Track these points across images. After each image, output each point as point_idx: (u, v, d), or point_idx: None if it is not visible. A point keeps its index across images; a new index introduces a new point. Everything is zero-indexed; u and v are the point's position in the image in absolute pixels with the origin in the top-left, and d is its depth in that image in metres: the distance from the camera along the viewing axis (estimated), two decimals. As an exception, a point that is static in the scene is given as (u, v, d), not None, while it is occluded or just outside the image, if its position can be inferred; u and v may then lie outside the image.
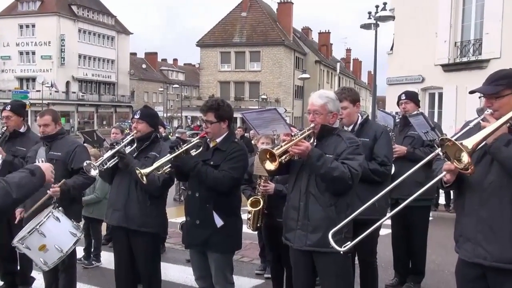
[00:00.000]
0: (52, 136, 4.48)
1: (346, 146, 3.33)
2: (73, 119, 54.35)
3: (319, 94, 3.48)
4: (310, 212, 3.34)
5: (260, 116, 3.50)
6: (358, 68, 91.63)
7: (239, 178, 3.82)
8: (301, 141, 3.26)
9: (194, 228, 3.84)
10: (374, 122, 4.69)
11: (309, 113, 3.45)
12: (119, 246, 4.28)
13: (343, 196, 3.32)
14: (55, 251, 3.79)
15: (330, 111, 3.41)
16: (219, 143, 3.84)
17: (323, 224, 3.29)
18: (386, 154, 4.09)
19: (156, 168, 3.68)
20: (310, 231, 3.33)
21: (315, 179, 3.32)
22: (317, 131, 3.40)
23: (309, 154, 3.22)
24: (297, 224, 3.40)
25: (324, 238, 3.26)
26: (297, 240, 3.39)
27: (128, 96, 63.82)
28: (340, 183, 3.21)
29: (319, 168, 3.20)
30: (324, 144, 3.41)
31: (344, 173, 3.19)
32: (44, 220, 3.79)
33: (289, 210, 3.49)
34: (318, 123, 3.39)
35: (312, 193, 3.34)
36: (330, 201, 3.30)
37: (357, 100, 4.17)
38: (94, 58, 58.77)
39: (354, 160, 3.29)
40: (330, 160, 3.23)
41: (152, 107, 4.82)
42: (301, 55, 57.62)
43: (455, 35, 17.34)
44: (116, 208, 4.15)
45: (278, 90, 51.54)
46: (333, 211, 3.29)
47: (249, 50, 52.07)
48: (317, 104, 3.41)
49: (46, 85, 47.99)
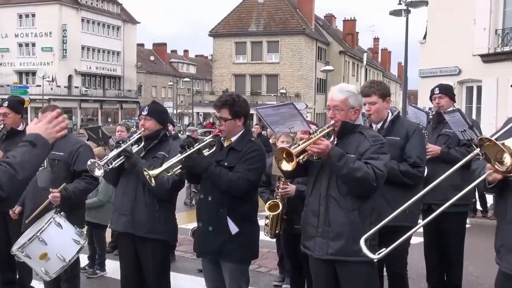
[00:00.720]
0: (54, 134, 4.51)
1: (369, 145, 3.32)
2: (75, 116, 54.93)
3: (339, 88, 3.47)
4: (331, 218, 3.33)
5: (275, 112, 3.48)
6: (387, 59, 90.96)
7: (256, 180, 3.82)
8: (321, 139, 3.25)
9: (207, 235, 3.84)
10: (405, 119, 4.65)
11: (328, 109, 3.44)
12: (125, 254, 4.30)
13: (367, 199, 3.31)
14: (57, 260, 3.82)
15: (351, 107, 3.40)
16: (234, 142, 3.84)
17: (345, 230, 3.28)
18: (418, 154, 4.05)
19: (166, 169, 3.70)
20: (331, 238, 3.33)
21: (336, 181, 3.32)
22: (338, 129, 3.39)
23: (329, 154, 3.21)
24: (317, 231, 3.39)
25: (347, 246, 3.26)
26: (318, 249, 3.39)
27: (135, 91, 64.34)
28: (363, 185, 3.20)
29: (341, 168, 3.19)
30: (345, 142, 3.40)
31: (368, 174, 3.18)
32: (45, 227, 3.83)
33: (308, 216, 3.49)
34: (338, 120, 3.38)
35: (333, 196, 3.34)
36: (353, 205, 3.29)
37: (387, 94, 4.14)
38: (98, 49, 59.37)
39: (379, 159, 3.27)
40: (352, 160, 3.22)
41: (160, 103, 4.84)
42: (323, 45, 57.40)
43: (495, 22, 17.09)
44: (122, 212, 4.18)
45: (299, 84, 51.45)
46: (357, 216, 3.28)
47: (266, 40, 52.07)
48: (337, 99, 3.40)
49: (47, 79, 48.58)
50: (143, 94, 66.51)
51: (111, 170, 4.08)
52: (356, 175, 3.17)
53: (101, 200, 6.38)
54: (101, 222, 6.36)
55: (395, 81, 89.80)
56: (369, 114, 4.09)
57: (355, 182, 3.20)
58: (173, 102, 55.82)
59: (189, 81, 55.27)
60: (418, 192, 4.06)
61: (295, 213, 4.41)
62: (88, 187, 4.44)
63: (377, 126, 4.14)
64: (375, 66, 77.08)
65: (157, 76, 71.08)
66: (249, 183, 3.72)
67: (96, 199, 6.34)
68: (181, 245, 7.42)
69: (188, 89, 68.13)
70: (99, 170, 3.93)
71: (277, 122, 3.53)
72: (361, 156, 3.30)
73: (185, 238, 7.40)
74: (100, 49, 59.56)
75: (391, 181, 3.82)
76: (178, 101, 65.14)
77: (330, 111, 3.42)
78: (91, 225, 6.39)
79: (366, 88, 4.12)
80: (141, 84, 67.15)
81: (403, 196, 3.95)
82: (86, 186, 4.40)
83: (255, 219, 3.97)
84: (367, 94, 4.07)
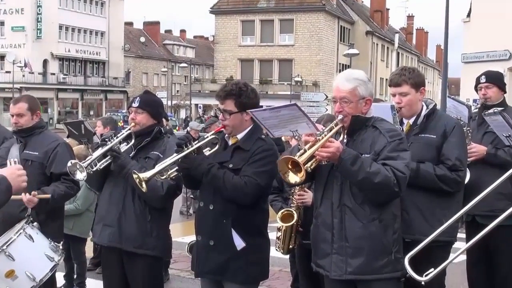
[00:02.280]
0: (28, 130, 4.56)
1: (386, 141, 3.32)
2: (51, 108, 55.21)
3: (345, 76, 3.49)
4: (347, 231, 3.35)
5: (274, 115, 3.46)
6: (423, 41, 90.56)
7: (266, 185, 3.83)
8: (329, 140, 3.26)
9: (207, 251, 3.86)
10: (443, 114, 4.64)
11: (334, 102, 3.46)
12: (110, 272, 4.34)
13: (387, 205, 3.32)
14: (26, 279, 3.84)
15: (361, 97, 3.42)
16: (241, 140, 3.86)
17: (365, 244, 3.30)
18: (458, 156, 4.05)
19: (159, 171, 3.71)
20: (350, 255, 3.34)
21: (350, 187, 3.33)
22: (347, 124, 3.41)
23: (341, 157, 3.22)
24: (332, 247, 3.41)
25: (369, 262, 3.29)
26: (335, 268, 3.40)
27: (122, 78, 64.51)
28: (383, 191, 3.22)
29: (356, 174, 3.20)
30: (357, 140, 3.41)
31: (388, 178, 3.19)
32: (13, 238, 3.85)
33: (319, 230, 3.50)
34: (348, 113, 3.39)
35: (347, 206, 3.35)
36: (372, 214, 3.31)
37: (421, 84, 4.13)
38: (78, 29, 59.54)
39: (399, 159, 3.28)
40: (368, 163, 3.23)
41: (153, 93, 4.86)
42: (347, 24, 57.27)
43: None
44: (107, 223, 4.21)
45: (317, 70, 51.39)
46: (377, 226, 3.30)
47: (278, 18, 52.03)
48: (344, 89, 3.41)
49: (18, 64, 48.78)
50: (131, 83, 66.68)
51: (95, 173, 4.10)
52: (374, 180, 3.18)
53: (78, 208, 6.34)
54: (80, 235, 6.39)
55: (432, 68, 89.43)
56: (400, 107, 4.08)
57: (374, 189, 3.22)
58: (167, 92, 55.87)
59: (187, 67, 55.41)
60: (457, 200, 4.08)
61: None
62: (68, 192, 4.48)
63: (409, 121, 4.14)
64: (409, 49, 76.79)
65: (149, 60, 71.20)
66: (258, 189, 3.73)
67: (72, 206, 6.26)
68: (176, 262, 7.45)
69: (185, 76, 68.20)
70: (81, 173, 3.94)
71: (277, 125, 3.51)
72: (377, 155, 3.31)
73: (181, 254, 7.42)
74: (81, 28, 59.72)
75: (426, 187, 3.83)
76: (173, 90, 65.23)
77: (336, 104, 3.44)
78: (68, 238, 6.40)
79: (396, 76, 4.12)
80: (129, 70, 67.29)
81: (439, 205, 3.95)
82: (66, 190, 4.44)
83: (265, 232, 3.98)
84: (397, 83, 4.08)
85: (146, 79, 69.97)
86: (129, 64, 67.30)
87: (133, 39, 70.47)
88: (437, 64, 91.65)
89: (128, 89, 62.65)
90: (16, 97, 4.74)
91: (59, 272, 5.48)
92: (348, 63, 43.33)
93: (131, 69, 67.87)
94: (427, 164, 3.94)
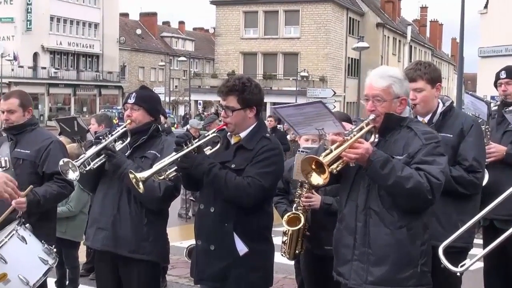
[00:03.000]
0: (19, 127, 4.56)
1: (421, 144, 3.30)
2: (42, 104, 55.31)
3: (380, 73, 3.46)
4: (371, 237, 3.32)
5: (299, 112, 3.48)
6: (438, 34, 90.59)
7: (270, 187, 3.83)
8: (358, 141, 3.24)
9: (207, 256, 3.86)
10: (460, 111, 4.64)
11: (366, 100, 3.43)
12: (104, 278, 4.34)
13: (419, 214, 3.29)
14: (18, 283, 3.86)
15: (396, 96, 3.39)
16: (244, 138, 3.85)
17: (390, 252, 3.27)
18: (476, 156, 4.05)
19: (157, 171, 3.71)
20: (372, 263, 3.32)
21: (378, 190, 3.30)
22: (380, 124, 3.38)
23: (370, 159, 3.21)
24: (353, 253, 3.39)
25: (392, 272, 3.26)
26: (354, 276, 3.38)
27: (117, 73, 64.63)
28: (415, 198, 3.19)
29: (385, 178, 3.18)
30: (389, 141, 3.39)
31: (421, 184, 3.16)
32: (5, 241, 3.87)
33: (341, 234, 3.48)
34: (380, 113, 3.37)
35: (374, 210, 3.33)
36: (401, 221, 3.28)
37: (437, 79, 4.14)
38: (71, 21, 59.64)
39: (435, 164, 3.25)
40: (400, 167, 3.20)
41: (150, 89, 4.87)
42: (357, 15, 57.26)
43: None
44: (101, 226, 4.21)
45: (324, 65, 51.40)
46: (405, 234, 3.27)
47: (283, 8, 52.05)
48: (378, 86, 3.39)
49: (7, 58, 48.86)
50: (127, 77, 66.79)
51: (88, 173, 4.11)
52: (405, 186, 3.15)
53: (71, 210, 6.38)
54: (73, 239, 6.40)
55: (447, 62, 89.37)
56: (414, 103, 4.09)
57: (404, 195, 3.19)
58: (165, 88, 55.93)
59: (186, 61, 55.42)
60: (474, 203, 4.08)
61: (321, 230, 4.42)
62: (61, 191, 4.48)
63: (424, 119, 4.14)
64: (423, 42, 76.78)
65: (145, 54, 71.35)
66: (262, 191, 3.72)
67: (65, 208, 6.31)
68: (174, 267, 7.46)
69: (184, 71, 68.21)
70: (73, 173, 3.94)
71: (301, 122, 3.53)
72: (411, 158, 3.28)
73: (179, 259, 7.44)
74: (73, 20, 59.81)
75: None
76: (171, 86, 65.35)
77: (369, 102, 3.41)
78: (61, 242, 6.41)
79: (410, 71, 4.12)
80: (124, 64, 67.42)
81: (455, 208, 3.95)
82: (59, 190, 4.45)
83: (269, 236, 3.98)
84: (412, 79, 4.06)
85: (143, 74, 70.09)
86: (125, 58, 67.41)
87: (128, 31, 70.60)
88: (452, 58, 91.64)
89: (123, 84, 62.72)
90: (7, 93, 4.75)
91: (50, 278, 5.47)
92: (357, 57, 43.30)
93: (127, 63, 67.98)
94: None
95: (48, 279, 4.41)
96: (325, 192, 4.44)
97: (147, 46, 71.94)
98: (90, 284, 6.37)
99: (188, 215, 11.72)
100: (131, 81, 64.45)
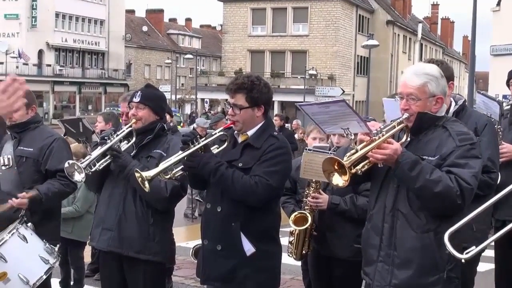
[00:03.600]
0: (23, 125, 4.58)
1: (455, 146, 3.23)
2: (47, 102, 55.44)
3: (414, 70, 3.42)
4: (398, 239, 3.31)
5: (324, 110, 3.48)
6: (449, 31, 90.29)
7: (278, 186, 3.83)
8: (388, 141, 3.21)
9: (214, 256, 3.86)
10: (473, 110, 4.63)
11: (401, 98, 3.38)
12: (109, 279, 4.35)
13: (448, 218, 3.22)
14: (18, 282, 3.88)
15: (432, 95, 3.33)
16: (252, 137, 3.86)
17: (416, 256, 3.25)
18: (491, 156, 4.04)
19: (163, 170, 3.72)
20: (396, 266, 3.31)
21: (407, 192, 3.28)
22: (413, 124, 3.33)
23: (398, 160, 3.17)
24: (378, 254, 3.39)
25: (417, 276, 3.24)
26: (378, 277, 3.38)
27: (123, 70, 64.72)
28: (443, 202, 3.15)
29: (413, 180, 3.15)
30: (422, 141, 3.34)
31: (450, 189, 3.11)
32: (6, 239, 3.89)
33: (369, 234, 3.48)
34: (414, 112, 3.32)
35: (401, 211, 3.30)
36: (429, 224, 3.25)
37: (449, 78, 4.09)
38: (76, 17, 59.77)
39: (467, 167, 3.18)
40: (429, 169, 3.16)
41: (156, 87, 4.87)
42: (366, 13, 57.15)
43: None
44: (106, 226, 4.22)
45: (333, 63, 51.31)
46: (432, 238, 3.24)
47: (292, 5, 52.00)
48: (412, 84, 3.33)
49: (12, 55, 49.02)
50: (133, 75, 66.88)
51: (94, 174, 4.11)
52: (434, 190, 3.11)
53: (78, 210, 6.42)
54: (79, 239, 6.42)
55: (459, 60, 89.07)
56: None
57: (432, 198, 3.15)
58: (171, 86, 56.04)
59: (192, 58, 55.43)
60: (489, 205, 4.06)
61: (328, 230, 4.41)
62: (64, 189, 4.49)
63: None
64: (433, 40, 76.55)
65: (151, 51, 71.42)
66: (269, 190, 3.73)
67: (71, 209, 6.37)
68: (180, 268, 7.47)
69: (191, 68, 68.30)
70: (79, 174, 3.95)
71: (327, 121, 3.52)
72: (443, 160, 3.22)
73: (185, 259, 7.45)
74: (78, 16, 59.94)
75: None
76: (177, 84, 65.40)
77: (403, 100, 3.36)
78: (66, 242, 6.43)
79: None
80: (130, 62, 67.51)
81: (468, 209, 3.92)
82: (62, 188, 4.45)
83: (276, 236, 3.98)
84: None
85: (149, 72, 70.15)
86: (131, 55, 67.51)
87: (134, 28, 70.68)
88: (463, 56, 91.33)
89: (129, 82, 62.76)
90: None
91: (55, 278, 5.49)
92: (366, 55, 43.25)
93: (133, 61, 68.06)
94: None
95: (53, 279, 4.43)
96: (333, 192, 4.44)
97: (153, 44, 72.01)
98: (95, 285, 6.39)
99: (194, 215, 11.74)
100: (136, 79, 64.55)
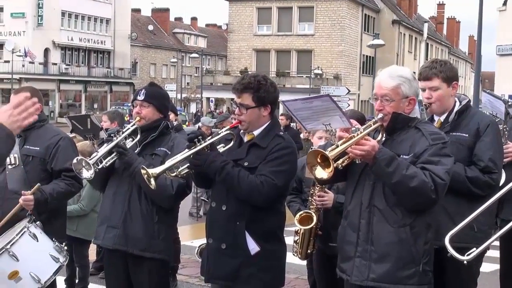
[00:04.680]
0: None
1: (428, 144, 3.36)
2: (52, 100, 55.51)
3: (389, 72, 3.53)
4: (374, 234, 3.39)
5: (307, 106, 3.53)
6: (455, 31, 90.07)
7: (284, 186, 3.83)
8: (365, 138, 3.32)
9: (219, 255, 3.87)
10: (477, 110, 4.62)
11: (375, 99, 3.50)
12: (114, 277, 4.37)
13: (423, 213, 3.35)
14: (30, 280, 3.89)
15: (405, 96, 3.47)
16: (257, 136, 3.87)
17: (392, 250, 3.33)
18: (492, 156, 4.03)
19: (169, 167, 3.73)
20: (374, 260, 3.38)
21: (383, 188, 3.37)
22: (387, 122, 3.45)
23: (376, 157, 3.27)
24: (356, 250, 3.45)
25: (394, 270, 3.32)
26: (356, 273, 3.44)
27: (129, 69, 64.76)
28: (418, 197, 3.26)
29: (390, 176, 3.25)
30: (396, 140, 3.47)
31: (425, 184, 3.22)
32: (16, 238, 3.89)
33: (345, 231, 3.54)
34: (388, 112, 3.44)
35: (378, 207, 3.39)
36: (404, 219, 3.34)
37: (453, 78, 4.12)
38: (82, 16, 59.79)
39: (440, 164, 3.31)
40: (405, 165, 3.27)
41: (161, 85, 4.88)
42: (372, 12, 57.06)
43: None
44: (111, 224, 4.23)
45: (339, 62, 51.26)
46: (408, 233, 3.33)
47: (297, 5, 51.95)
48: (387, 86, 3.46)
49: (18, 53, 49.08)
50: (138, 74, 66.89)
51: (100, 171, 4.12)
52: (409, 185, 3.22)
53: (83, 208, 6.42)
54: (84, 237, 6.42)
55: (464, 60, 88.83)
56: (430, 102, 4.08)
57: (408, 193, 3.26)
58: (177, 85, 56.05)
59: (198, 57, 55.45)
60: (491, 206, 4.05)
61: (333, 229, 4.42)
62: (69, 189, 4.50)
63: (440, 118, 4.14)
64: (439, 40, 76.37)
65: (157, 50, 71.40)
66: (275, 189, 3.73)
67: (77, 207, 6.36)
68: (185, 267, 7.47)
69: (196, 67, 68.33)
70: (87, 171, 3.96)
71: (309, 117, 3.59)
72: (417, 158, 3.34)
73: (190, 258, 7.46)
74: (84, 15, 59.97)
75: (456, 189, 3.81)
76: (183, 83, 65.41)
77: (377, 101, 3.48)
78: (71, 240, 6.44)
79: (426, 69, 4.12)
80: (136, 60, 67.53)
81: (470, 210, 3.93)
82: (67, 188, 4.46)
83: (281, 235, 3.99)
84: (428, 77, 4.07)
85: (154, 70, 70.14)
86: (136, 54, 67.52)
87: (140, 27, 70.69)
88: (469, 56, 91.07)
89: (134, 81, 62.78)
90: (17, 88, 4.78)
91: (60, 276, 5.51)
92: (372, 54, 43.20)
93: (138, 60, 68.08)
94: (457, 164, 3.91)
95: (58, 277, 4.44)
96: (338, 191, 4.45)
97: (159, 43, 71.99)
98: (99, 283, 6.40)
99: (199, 214, 11.73)
100: (142, 78, 64.53)
